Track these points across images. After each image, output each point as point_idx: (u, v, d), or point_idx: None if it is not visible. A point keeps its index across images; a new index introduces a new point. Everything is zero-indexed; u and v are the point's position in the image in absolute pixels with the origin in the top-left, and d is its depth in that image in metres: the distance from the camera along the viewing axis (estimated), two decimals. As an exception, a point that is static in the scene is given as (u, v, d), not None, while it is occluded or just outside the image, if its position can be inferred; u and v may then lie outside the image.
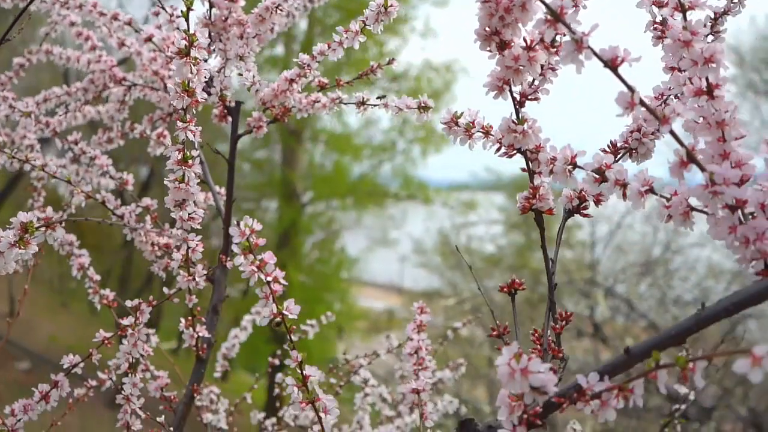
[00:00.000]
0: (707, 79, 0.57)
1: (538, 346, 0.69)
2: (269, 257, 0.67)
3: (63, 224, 0.79)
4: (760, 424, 5.90)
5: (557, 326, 0.70)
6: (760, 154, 0.57)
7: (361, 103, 1.02)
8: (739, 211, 0.56)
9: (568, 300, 7.39)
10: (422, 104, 0.91)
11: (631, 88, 0.54)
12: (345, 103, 1.04)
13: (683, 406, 1.20)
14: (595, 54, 0.54)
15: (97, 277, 1.15)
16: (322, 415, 0.70)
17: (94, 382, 1.19)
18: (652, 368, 0.51)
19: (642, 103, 0.54)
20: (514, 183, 11.98)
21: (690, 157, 0.55)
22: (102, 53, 1.26)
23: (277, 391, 1.37)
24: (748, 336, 5.56)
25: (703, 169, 0.55)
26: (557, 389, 0.55)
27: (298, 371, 0.70)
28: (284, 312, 0.68)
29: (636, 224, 7.57)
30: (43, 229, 0.70)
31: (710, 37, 0.77)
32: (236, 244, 0.65)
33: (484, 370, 7.72)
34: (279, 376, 1.26)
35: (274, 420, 1.42)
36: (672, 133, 0.55)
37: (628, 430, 6.41)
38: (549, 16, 0.54)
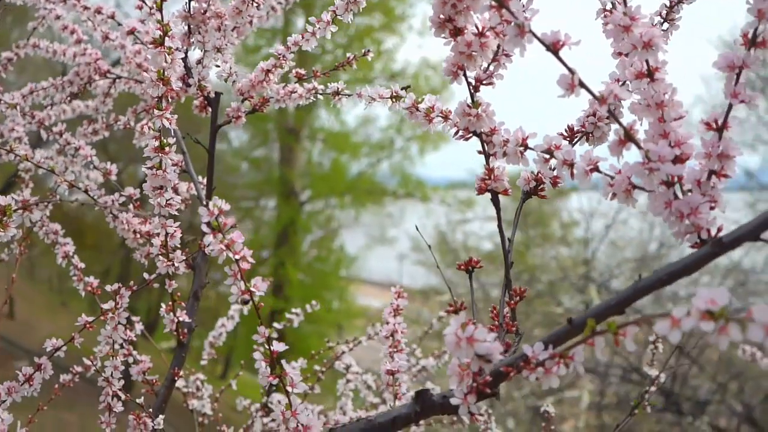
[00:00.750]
0: (647, 62, 0.60)
1: (496, 322, 0.72)
2: (237, 236, 0.70)
3: (43, 207, 0.82)
4: (755, 419, 5.93)
5: (512, 302, 0.73)
6: (698, 132, 0.60)
7: (336, 93, 1.05)
8: (678, 187, 0.59)
9: (564, 295, 7.41)
10: (394, 94, 0.94)
11: (571, 71, 0.57)
12: (321, 94, 1.07)
13: (652, 389, 1.23)
14: (537, 38, 0.57)
15: (82, 265, 1.18)
16: (288, 388, 0.72)
17: (79, 368, 1.22)
18: (589, 335, 0.54)
19: (582, 84, 0.57)
20: (511, 182, 11.99)
21: (628, 136, 0.58)
22: (87, 46, 1.29)
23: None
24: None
25: (640, 147, 0.58)
26: (504, 358, 0.58)
27: (266, 347, 0.73)
28: (252, 289, 0.71)
29: (631, 219, 7.60)
30: (20, 211, 0.73)
31: (665, 25, 0.80)
32: (205, 223, 0.68)
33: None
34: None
35: (258, 405, 1.45)
36: (610, 113, 0.58)
37: (622, 427, 6.45)
38: (494, 2, 0.57)
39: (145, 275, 1.01)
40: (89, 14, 1.20)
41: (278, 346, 0.73)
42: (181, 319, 1.05)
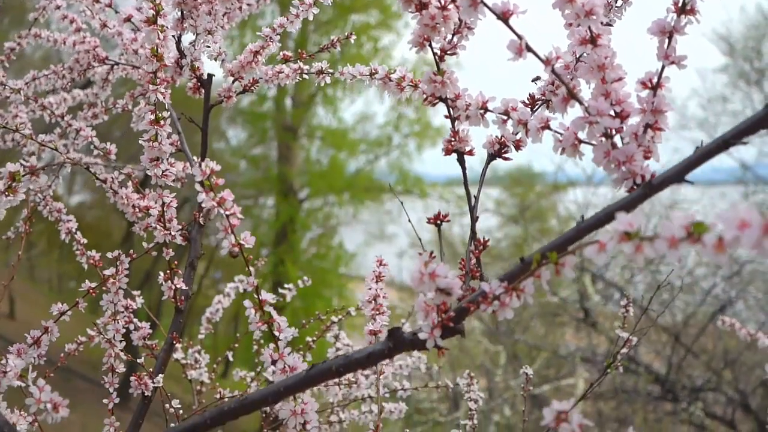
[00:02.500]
0: (590, 29, 0.67)
1: (462, 271, 0.80)
2: (228, 194, 0.77)
3: (51, 179, 0.88)
4: (748, 404, 6.01)
5: (477, 251, 0.80)
6: (635, 91, 0.67)
7: (320, 72, 1.12)
8: (618, 139, 0.66)
9: (566, 289, 7.48)
10: (372, 71, 1.00)
11: (519, 36, 0.64)
12: (306, 73, 1.14)
13: (625, 350, 1.30)
14: (488, 8, 0.64)
15: (84, 240, 1.25)
16: (276, 333, 0.79)
17: (83, 338, 1.29)
18: (536, 267, 0.61)
19: (528, 48, 0.64)
20: (509, 176, 12.11)
21: (570, 94, 0.65)
22: (86, 34, 1.36)
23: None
24: (735, 318, 5.66)
25: (581, 103, 0.65)
26: (463, 294, 0.65)
27: (255, 296, 0.80)
28: (241, 242, 0.78)
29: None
30: (28, 176, 0.80)
31: (619, 2, 0.87)
32: (198, 182, 0.75)
33: (479, 358, 7.82)
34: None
35: (253, 374, 1.52)
36: (555, 73, 0.65)
37: (619, 415, 6.53)
38: (449, -24, 0.64)
39: (144, 244, 1.08)
40: (88, 3, 1.27)
41: (267, 296, 0.80)
42: (178, 286, 1.12)
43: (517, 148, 0.82)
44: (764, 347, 1.89)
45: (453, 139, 0.78)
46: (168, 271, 1.11)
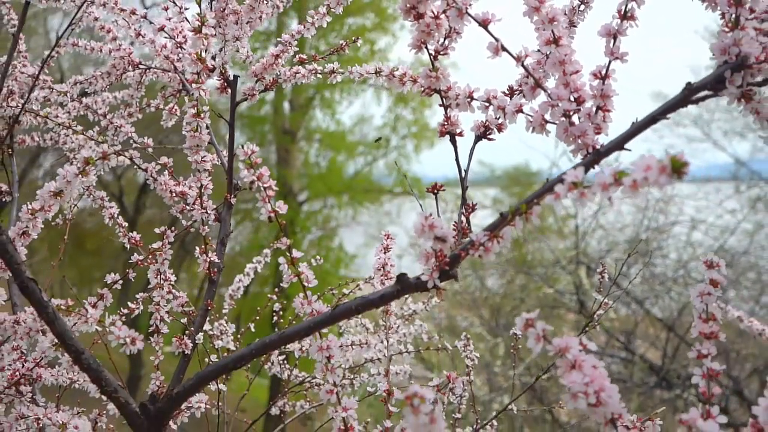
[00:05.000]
0: (553, 32, 0.85)
1: (456, 232, 0.97)
2: (265, 171, 0.94)
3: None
4: (742, 391, 6.19)
5: (467, 212, 0.98)
6: (588, 81, 0.85)
7: (332, 72, 1.30)
8: (576, 118, 0.84)
9: (564, 280, 7.65)
10: (377, 69, 1.18)
11: (496, 39, 0.82)
12: (320, 73, 1.32)
13: (602, 311, 1.47)
14: (472, 17, 0.81)
15: (125, 224, 1.42)
16: (305, 284, 0.97)
17: (125, 311, 1.46)
18: (511, 218, 0.78)
19: (503, 48, 0.82)
20: (507, 175, 12.29)
21: (537, 84, 0.83)
22: (121, 43, 1.53)
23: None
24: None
25: (545, 91, 0.82)
26: (454, 242, 0.83)
27: (288, 254, 0.97)
28: (276, 209, 0.95)
29: (623, 207, 7.86)
30: (101, 160, 0.98)
31: (582, 7, 1.05)
32: (241, 161, 0.93)
33: (479, 353, 7.96)
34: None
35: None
36: (525, 68, 0.83)
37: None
38: (441, -7, 0.82)
39: (183, 222, 1.26)
40: (125, 15, 1.45)
41: (296, 254, 0.98)
42: (212, 259, 1.30)
43: (500, 130, 0.99)
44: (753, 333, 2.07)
45: (446, 123, 0.96)
46: (203, 246, 1.29)
